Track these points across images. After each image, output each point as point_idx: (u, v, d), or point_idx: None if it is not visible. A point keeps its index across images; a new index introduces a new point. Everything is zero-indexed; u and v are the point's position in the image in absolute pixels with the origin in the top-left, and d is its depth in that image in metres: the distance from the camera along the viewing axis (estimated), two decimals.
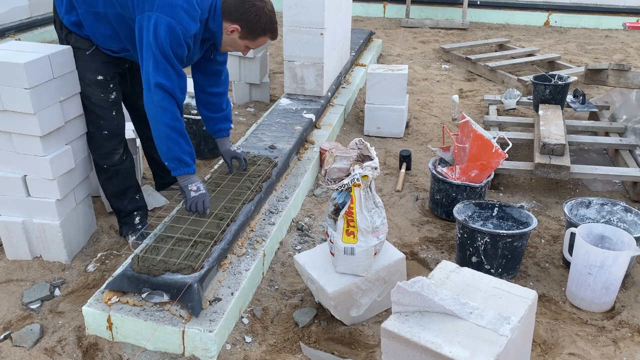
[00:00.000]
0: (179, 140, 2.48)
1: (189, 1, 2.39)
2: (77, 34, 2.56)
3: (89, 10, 2.49)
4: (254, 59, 4.74)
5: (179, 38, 2.37)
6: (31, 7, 6.59)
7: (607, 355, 2.25)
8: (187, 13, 2.38)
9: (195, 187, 2.56)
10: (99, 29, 2.52)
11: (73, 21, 2.54)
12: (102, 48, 2.58)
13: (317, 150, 3.74)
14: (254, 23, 2.50)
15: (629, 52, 6.82)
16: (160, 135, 2.48)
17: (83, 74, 2.62)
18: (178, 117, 2.47)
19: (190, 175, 2.58)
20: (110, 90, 2.68)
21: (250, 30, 2.52)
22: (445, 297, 1.78)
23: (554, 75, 4.22)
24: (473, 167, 3.07)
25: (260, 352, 2.24)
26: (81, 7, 2.50)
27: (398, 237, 3.06)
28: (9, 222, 2.66)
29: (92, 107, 2.68)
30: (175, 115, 2.46)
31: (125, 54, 2.62)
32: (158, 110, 2.43)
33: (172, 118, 2.44)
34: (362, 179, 2.19)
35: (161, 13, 2.33)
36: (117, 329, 2.22)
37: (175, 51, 2.38)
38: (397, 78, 4.21)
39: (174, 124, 2.46)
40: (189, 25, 2.39)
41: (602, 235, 2.60)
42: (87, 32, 2.54)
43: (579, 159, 3.98)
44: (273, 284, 2.65)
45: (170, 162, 2.53)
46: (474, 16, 8.42)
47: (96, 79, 2.62)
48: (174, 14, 2.34)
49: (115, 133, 2.75)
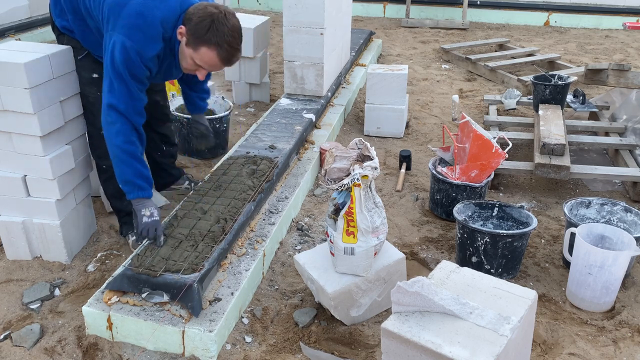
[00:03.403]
0: (132, 163, 2.39)
1: (150, 22, 2.27)
2: (69, 36, 2.59)
3: (76, 17, 2.52)
4: (254, 59, 4.74)
5: (134, 60, 2.28)
6: (31, 7, 6.58)
7: (607, 355, 2.25)
8: (145, 34, 2.28)
9: (149, 212, 2.42)
10: (88, 36, 2.55)
11: (64, 25, 2.57)
12: (93, 54, 2.61)
13: (317, 150, 3.74)
14: (197, 25, 2.25)
15: (629, 52, 6.82)
16: (113, 157, 2.41)
17: (79, 72, 2.64)
18: (132, 140, 2.38)
19: (144, 200, 2.45)
20: None
21: (193, 34, 2.27)
22: (445, 297, 1.78)
23: (554, 75, 4.22)
24: (473, 167, 3.07)
25: (260, 352, 2.24)
26: (70, 14, 2.53)
27: (398, 237, 3.06)
28: (9, 222, 2.66)
29: (90, 106, 2.68)
30: (129, 138, 2.37)
31: None
32: (111, 132, 2.36)
33: (124, 141, 2.36)
34: (362, 179, 2.20)
35: (120, 34, 2.26)
36: (117, 329, 2.22)
37: (132, 72, 2.30)
38: (397, 78, 4.21)
39: (127, 147, 2.37)
40: (147, 46, 2.29)
41: (602, 235, 2.60)
42: (78, 37, 2.58)
43: (579, 159, 3.98)
44: (273, 284, 2.65)
45: (124, 185, 2.44)
46: (474, 16, 8.42)
47: (92, 77, 2.63)
48: (131, 35, 2.25)
49: None
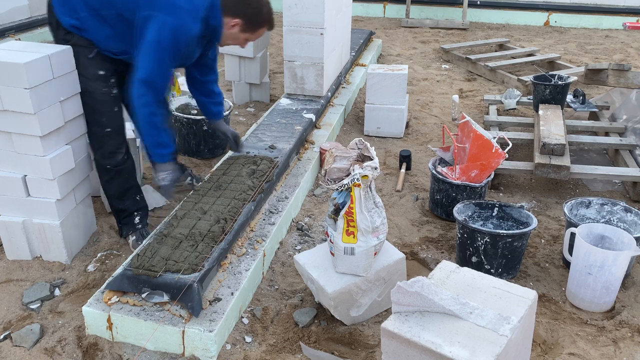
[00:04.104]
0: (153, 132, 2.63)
1: (191, 2, 2.43)
2: (78, 35, 2.58)
3: (91, 14, 2.52)
4: (254, 59, 4.74)
5: (179, 40, 2.44)
6: (31, 7, 6.59)
7: (607, 355, 2.25)
8: (190, 14, 2.44)
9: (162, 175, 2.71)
10: (101, 30, 2.55)
11: (73, 24, 2.55)
12: (103, 50, 2.61)
13: (317, 150, 3.74)
14: (254, 16, 2.61)
15: (629, 52, 6.82)
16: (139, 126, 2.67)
17: (85, 69, 2.62)
18: (157, 112, 2.60)
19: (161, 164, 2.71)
20: (111, 85, 2.70)
21: (251, 23, 2.61)
22: (445, 297, 1.78)
23: (554, 75, 4.22)
24: (473, 167, 3.07)
25: (260, 352, 2.24)
26: (83, 10, 2.52)
27: (398, 237, 3.06)
28: (9, 222, 2.66)
29: (95, 104, 2.68)
30: (155, 110, 2.58)
31: (124, 56, 2.64)
32: (139, 104, 2.54)
33: (150, 113, 2.57)
34: (362, 179, 2.19)
35: (166, 14, 2.38)
36: (117, 328, 2.22)
37: (174, 51, 2.45)
38: (397, 78, 4.21)
39: (151, 119, 2.60)
40: (192, 27, 2.47)
41: (602, 235, 2.60)
42: (88, 35, 2.57)
43: (579, 159, 3.98)
44: (273, 284, 2.65)
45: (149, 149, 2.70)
46: (474, 16, 8.42)
47: (98, 74, 2.64)
48: (178, 14, 2.40)
49: (118, 131, 2.77)
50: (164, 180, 2.71)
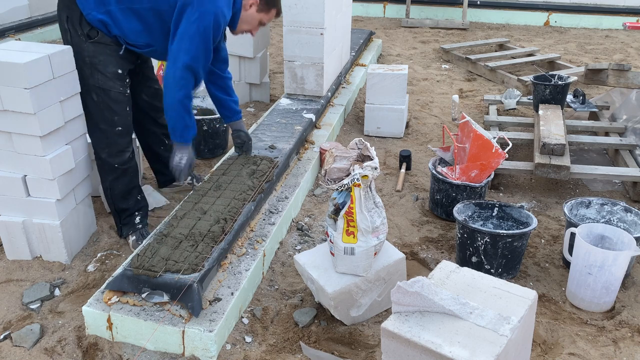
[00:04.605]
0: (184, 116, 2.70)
1: None
2: (102, 32, 2.58)
3: (121, 7, 2.53)
4: (253, 59, 4.74)
5: (219, 26, 2.58)
6: (31, 7, 6.58)
7: (607, 355, 2.25)
8: (226, 2, 2.58)
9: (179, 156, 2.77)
10: (130, 25, 2.57)
11: (101, 19, 2.54)
12: (129, 45, 2.64)
13: (317, 150, 3.74)
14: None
15: (629, 52, 6.82)
16: (169, 108, 2.68)
17: (105, 66, 2.62)
18: (191, 96, 2.69)
19: (181, 145, 2.78)
20: (127, 85, 2.72)
21: (267, 2, 2.75)
22: (445, 297, 1.78)
23: (554, 75, 4.22)
24: (473, 167, 3.07)
25: (260, 352, 2.24)
26: (113, 4, 2.52)
27: (398, 237, 3.06)
28: (9, 222, 2.66)
29: (110, 102, 2.68)
30: (190, 94, 2.67)
31: (148, 49, 2.69)
32: (176, 87, 2.61)
33: (185, 96, 2.64)
34: (362, 179, 2.19)
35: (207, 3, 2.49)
36: (117, 329, 2.22)
37: (214, 37, 2.59)
38: (397, 78, 4.21)
39: (186, 102, 2.66)
40: (227, 13, 2.60)
41: (602, 235, 2.60)
42: (116, 31, 2.58)
43: (579, 159, 3.98)
44: (273, 284, 2.65)
45: (171, 130, 2.74)
46: (474, 16, 8.42)
47: (117, 72, 2.66)
48: (215, 2, 2.51)
49: (128, 130, 2.78)
50: (181, 160, 2.77)
